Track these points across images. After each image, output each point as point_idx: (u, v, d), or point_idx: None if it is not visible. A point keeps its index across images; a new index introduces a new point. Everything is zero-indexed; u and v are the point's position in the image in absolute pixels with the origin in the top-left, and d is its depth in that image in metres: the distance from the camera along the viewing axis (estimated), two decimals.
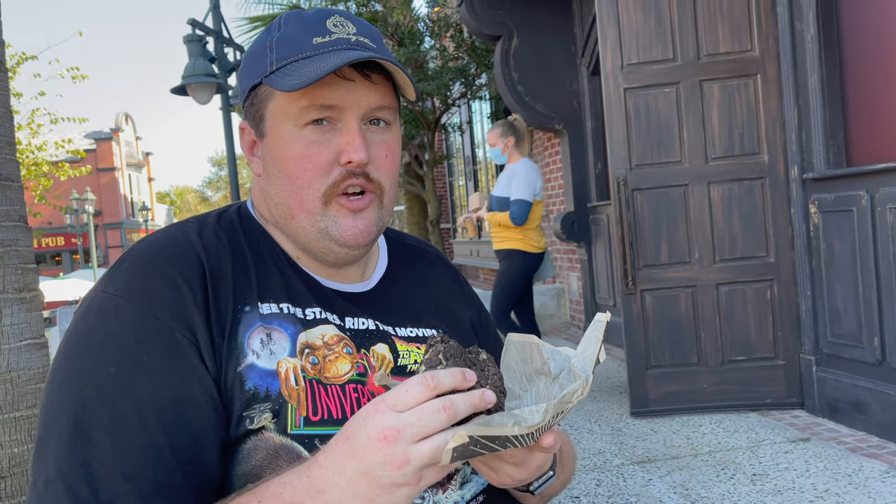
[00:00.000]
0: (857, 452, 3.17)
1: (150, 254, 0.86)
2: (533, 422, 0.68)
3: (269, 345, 0.85)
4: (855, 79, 3.53)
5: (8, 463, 1.82)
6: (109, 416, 0.75)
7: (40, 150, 13.62)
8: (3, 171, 1.89)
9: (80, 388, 0.77)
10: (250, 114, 0.95)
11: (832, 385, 3.60)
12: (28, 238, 1.95)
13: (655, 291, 4.08)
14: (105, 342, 0.78)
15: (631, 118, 4.09)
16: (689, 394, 4.04)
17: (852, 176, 3.39)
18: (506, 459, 0.78)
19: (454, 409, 0.66)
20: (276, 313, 0.88)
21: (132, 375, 0.77)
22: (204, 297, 0.83)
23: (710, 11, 3.98)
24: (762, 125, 3.91)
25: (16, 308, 1.87)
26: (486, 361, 0.75)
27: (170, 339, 0.79)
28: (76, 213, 24.94)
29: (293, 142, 0.89)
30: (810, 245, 3.69)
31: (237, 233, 0.94)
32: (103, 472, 0.73)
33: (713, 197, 4.00)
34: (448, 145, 12.87)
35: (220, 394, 0.81)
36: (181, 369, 0.79)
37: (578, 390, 0.72)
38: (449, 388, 0.68)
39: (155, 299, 0.81)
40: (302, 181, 0.90)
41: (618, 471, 3.22)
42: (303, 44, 0.89)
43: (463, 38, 8.30)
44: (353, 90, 0.88)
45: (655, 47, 4.05)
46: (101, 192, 33.12)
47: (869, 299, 3.32)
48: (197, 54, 7.02)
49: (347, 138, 0.89)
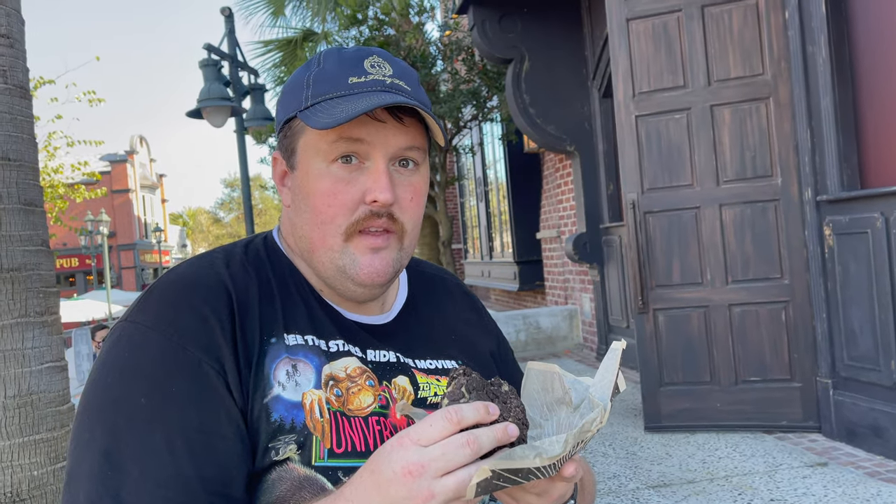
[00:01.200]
0: (875, 477, 3.13)
1: (179, 285, 0.87)
2: (554, 453, 0.68)
3: (295, 376, 0.86)
4: (868, 101, 3.53)
5: (28, 486, 1.83)
6: (140, 447, 0.76)
7: (57, 172, 13.79)
8: (27, 196, 1.92)
9: (112, 419, 0.78)
10: (283, 145, 0.97)
11: (849, 408, 3.57)
12: (50, 262, 1.98)
13: (668, 311, 4.13)
14: (135, 374, 0.80)
15: (643, 144, 4.17)
16: (701, 412, 4.07)
17: (867, 198, 3.39)
18: (528, 490, 0.78)
19: (478, 443, 0.67)
20: (302, 345, 0.89)
21: (162, 406, 0.78)
22: (231, 329, 0.85)
23: (720, 37, 4.04)
24: (775, 148, 3.92)
25: (37, 331, 1.90)
26: (508, 394, 0.75)
27: (198, 371, 0.81)
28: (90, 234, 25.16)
29: (321, 177, 0.90)
30: (825, 267, 3.68)
31: (264, 264, 0.96)
32: (133, 501, 0.74)
33: (725, 219, 4.03)
34: (459, 167, 12.93)
35: (246, 425, 0.82)
36: (209, 400, 0.81)
37: (597, 419, 0.72)
38: (472, 423, 0.68)
39: (184, 331, 0.82)
40: (326, 216, 0.91)
41: (633, 495, 3.20)
42: (339, 82, 0.90)
43: (475, 61, 8.38)
44: (382, 130, 0.89)
45: (666, 75, 4.14)
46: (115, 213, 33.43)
47: (885, 321, 3.29)
48: (212, 78, 7.12)
49: (374, 177, 0.89)
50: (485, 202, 11.38)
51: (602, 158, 6.52)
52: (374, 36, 8.40)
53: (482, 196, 11.48)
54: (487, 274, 11.22)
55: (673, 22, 4.14)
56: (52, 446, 1.90)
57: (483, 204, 11.47)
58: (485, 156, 11.11)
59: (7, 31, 2.00)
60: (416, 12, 8.66)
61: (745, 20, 3.99)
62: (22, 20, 2.13)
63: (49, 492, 1.87)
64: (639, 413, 4.61)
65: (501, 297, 11.34)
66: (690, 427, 4.07)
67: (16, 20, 2.06)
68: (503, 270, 10.34)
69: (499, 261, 10.65)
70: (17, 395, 1.84)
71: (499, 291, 11.25)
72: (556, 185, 7.64)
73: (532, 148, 8.18)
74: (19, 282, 1.87)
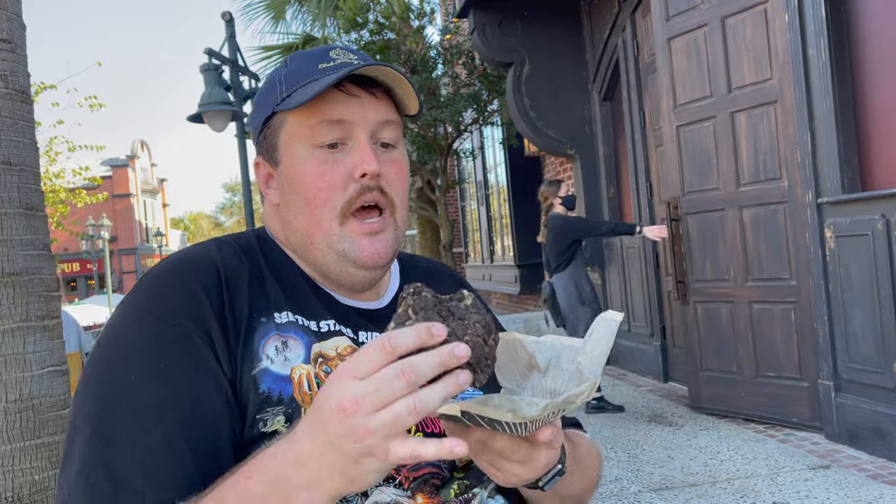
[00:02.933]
0: (877, 480, 3.13)
1: (171, 266, 0.91)
2: (529, 414, 0.65)
3: (284, 352, 0.87)
4: (869, 103, 3.53)
5: (29, 490, 1.83)
6: (130, 420, 0.79)
7: (58, 177, 13.80)
8: (28, 200, 1.93)
9: (104, 396, 0.81)
10: (263, 147, 0.98)
11: (851, 411, 3.56)
12: (51, 266, 1.98)
13: (704, 304, 4.47)
14: (127, 352, 0.83)
15: (682, 151, 4.50)
16: (729, 399, 4.35)
17: (867, 200, 3.38)
18: (510, 457, 0.77)
19: (415, 373, 0.61)
20: (292, 322, 0.90)
21: (152, 382, 0.81)
22: (220, 304, 0.87)
23: (737, 45, 4.15)
24: (781, 151, 3.95)
25: (38, 336, 1.90)
26: (468, 309, 0.67)
27: (187, 342, 0.83)
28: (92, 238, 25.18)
29: (307, 162, 0.92)
30: (826, 269, 3.68)
31: (255, 252, 0.97)
32: (123, 467, 0.76)
33: (745, 220, 4.19)
34: (460, 170, 12.93)
35: (235, 395, 0.84)
36: (197, 369, 0.82)
37: (585, 393, 0.68)
38: (411, 348, 0.62)
39: (174, 308, 0.85)
40: (318, 200, 0.92)
41: (635, 498, 3.19)
42: (309, 71, 0.93)
43: (475, 65, 8.39)
44: (360, 107, 0.92)
45: (697, 87, 4.42)
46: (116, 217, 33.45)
47: (887, 324, 3.29)
48: (213, 83, 7.12)
49: (359, 153, 0.91)
50: (486, 206, 11.39)
51: (603, 162, 6.51)
52: (375, 40, 8.41)
53: (483, 200, 11.49)
54: (488, 277, 11.22)
55: (701, 36, 4.38)
56: (54, 451, 1.90)
57: (484, 207, 11.48)
58: (485, 159, 11.12)
59: (8, 35, 2.01)
60: (416, 16, 8.66)
61: (755, 27, 4.04)
62: (23, 25, 2.14)
63: (50, 496, 1.87)
64: (641, 416, 4.61)
65: (502, 300, 11.34)
66: (721, 412, 4.39)
67: (17, 25, 2.07)
68: (504, 274, 10.34)
69: (500, 264, 10.65)
70: (19, 400, 1.84)
71: (500, 295, 11.25)
72: None
73: (533, 151, 8.18)
74: (20, 286, 1.87)
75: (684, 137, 4.49)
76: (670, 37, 4.54)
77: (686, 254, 4.51)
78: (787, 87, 3.87)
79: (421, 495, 0.89)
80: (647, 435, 4.16)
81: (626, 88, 5.96)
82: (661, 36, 4.61)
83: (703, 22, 4.34)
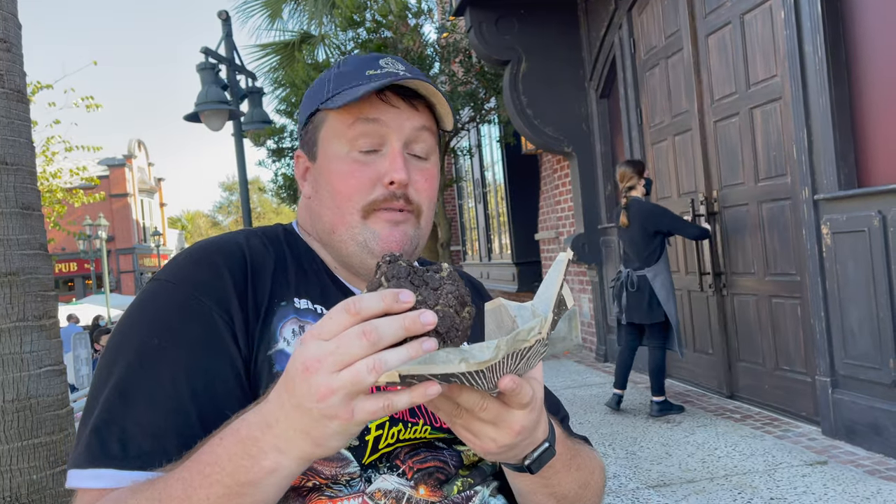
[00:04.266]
0: (875, 475, 3.14)
1: (201, 248, 0.96)
2: (482, 357, 0.62)
3: (301, 335, 0.89)
4: (866, 100, 3.54)
5: (27, 490, 1.83)
6: (148, 382, 0.84)
7: (55, 177, 13.78)
8: (25, 199, 1.92)
9: (127, 356, 0.86)
10: (305, 141, 1.04)
11: (848, 407, 3.57)
12: (48, 266, 1.98)
13: (737, 296, 4.57)
14: (153, 319, 0.89)
15: (719, 146, 4.60)
16: (756, 390, 4.46)
17: (864, 196, 3.39)
18: (479, 415, 0.74)
19: (377, 333, 0.61)
20: (311, 309, 0.95)
21: (172, 348, 0.86)
22: (244, 286, 0.92)
23: (751, 42, 4.21)
24: (785, 147, 3.97)
25: (35, 335, 1.90)
26: (442, 280, 0.66)
27: (208, 319, 0.88)
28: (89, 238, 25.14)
29: (340, 160, 0.97)
30: (823, 266, 3.68)
31: (281, 244, 1.02)
32: (135, 430, 0.81)
33: (763, 215, 4.25)
34: (458, 169, 12.93)
35: (248, 374, 0.88)
36: (215, 346, 0.87)
37: (535, 328, 0.66)
38: (377, 312, 0.62)
39: (199, 284, 0.90)
40: (344, 195, 0.97)
41: (633, 495, 3.20)
42: (357, 75, 0.98)
43: (472, 63, 8.38)
44: (397, 114, 0.96)
45: (727, 84, 4.49)
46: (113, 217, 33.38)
47: (884, 320, 3.30)
48: (210, 82, 7.11)
49: (390, 160, 0.95)
50: (483, 204, 11.39)
51: (600, 159, 6.52)
52: (372, 38, 8.40)
53: (480, 198, 11.49)
54: (486, 275, 11.22)
55: (728, 33, 4.44)
56: (51, 450, 1.90)
57: (481, 206, 11.48)
58: (483, 157, 11.12)
59: (4, 35, 2.00)
60: (413, 14, 8.66)
61: (764, 23, 4.08)
62: (19, 24, 2.13)
63: (48, 496, 1.87)
64: (638, 414, 4.61)
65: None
66: (751, 401, 4.50)
67: (12, 24, 2.07)
68: (502, 272, 10.34)
69: (497, 262, 10.65)
70: (16, 399, 1.84)
71: (497, 293, 11.25)
72: (554, 187, 7.65)
73: (530, 149, 8.18)
74: (17, 286, 1.87)
75: (717, 133, 4.59)
76: (708, 34, 4.65)
77: (725, 246, 4.63)
78: (787, 83, 3.88)
79: (424, 487, 0.90)
80: (644, 432, 4.17)
81: (623, 86, 5.96)
82: (701, 33, 4.73)
83: (728, 20, 4.43)
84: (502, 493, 0.96)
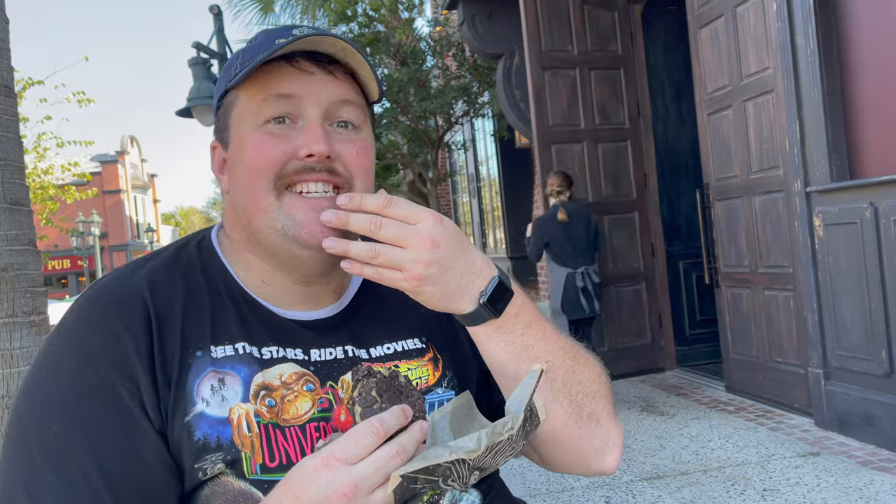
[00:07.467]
0: (867, 466, 3.15)
1: (93, 301, 0.84)
2: (468, 447, 0.68)
3: (221, 391, 0.81)
4: (858, 92, 3.54)
5: None
6: (55, 478, 0.74)
7: (46, 173, 13.70)
8: (13, 195, 1.91)
9: (28, 450, 0.76)
10: (218, 128, 0.92)
11: (841, 398, 3.58)
12: (37, 262, 1.97)
13: (731, 289, 4.58)
14: (47, 399, 0.78)
15: (712, 139, 4.59)
16: (751, 382, 4.45)
17: (856, 188, 3.40)
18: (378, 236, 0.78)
19: (406, 452, 0.68)
20: (231, 356, 0.83)
21: (75, 433, 0.76)
22: (148, 344, 0.80)
23: (743, 35, 4.20)
24: (777, 139, 3.97)
25: (24, 331, 1.89)
26: (407, 387, 0.75)
27: (111, 393, 0.77)
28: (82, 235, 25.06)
29: (251, 137, 0.85)
30: (815, 258, 3.69)
31: (194, 269, 0.89)
32: None
33: (755, 208, 4.25)
34: (451, 163, 12.92)
35: (167, 446, 0.79)
36: (124, 424, 0.77)
37: (508, 423, 0.73)
38: (395, 430, 0.69)
39: (94, 351, 0.79)
40: (254, 170, 0.84)
41: (627, 488, 3.21)
42: (265, 46, 0.85)
43: (465, 56, 8.37)
44: (311, 82, 0.85)
45: (719, 77, 4.48)
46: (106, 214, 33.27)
47: (876, 311, 3.31)
48: (202, 77, 7.07)
49: (308, 132, 0.84)
50: (477, 198, 11.38)
51: None
52: (364, 32, 8.38)
53: (475, 192, 11.48)
54: None
55: (721, 26, 4.42)
56: None
57: (476, 200, 11.47)
58: (477, 152, 11.11)
59: None
60: (405, 8, 8.64)
61: (756, 15, 4.07)
62: (6, 19, 2.11)
63: None
64: (632, 407, 4.63)
65: None
66: (745, 393, 4.50)
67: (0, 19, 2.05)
68: None
69: (492, 257, 10.61)
70: (6, 396, 1.83)
71: None
72: None
73: (524, 143, 8.16)
74: (6, 282, 1.86)
75: (711, 126, 4.61)
76: (700, 26, 4.64)
77: (718, 239, 4.64)
78: (780, 75, 3.88)
79: None
80: (638, 424, 4.18)
81: None
82: (693, 26, 4.71)
83: (720, 12, 4.42)
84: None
